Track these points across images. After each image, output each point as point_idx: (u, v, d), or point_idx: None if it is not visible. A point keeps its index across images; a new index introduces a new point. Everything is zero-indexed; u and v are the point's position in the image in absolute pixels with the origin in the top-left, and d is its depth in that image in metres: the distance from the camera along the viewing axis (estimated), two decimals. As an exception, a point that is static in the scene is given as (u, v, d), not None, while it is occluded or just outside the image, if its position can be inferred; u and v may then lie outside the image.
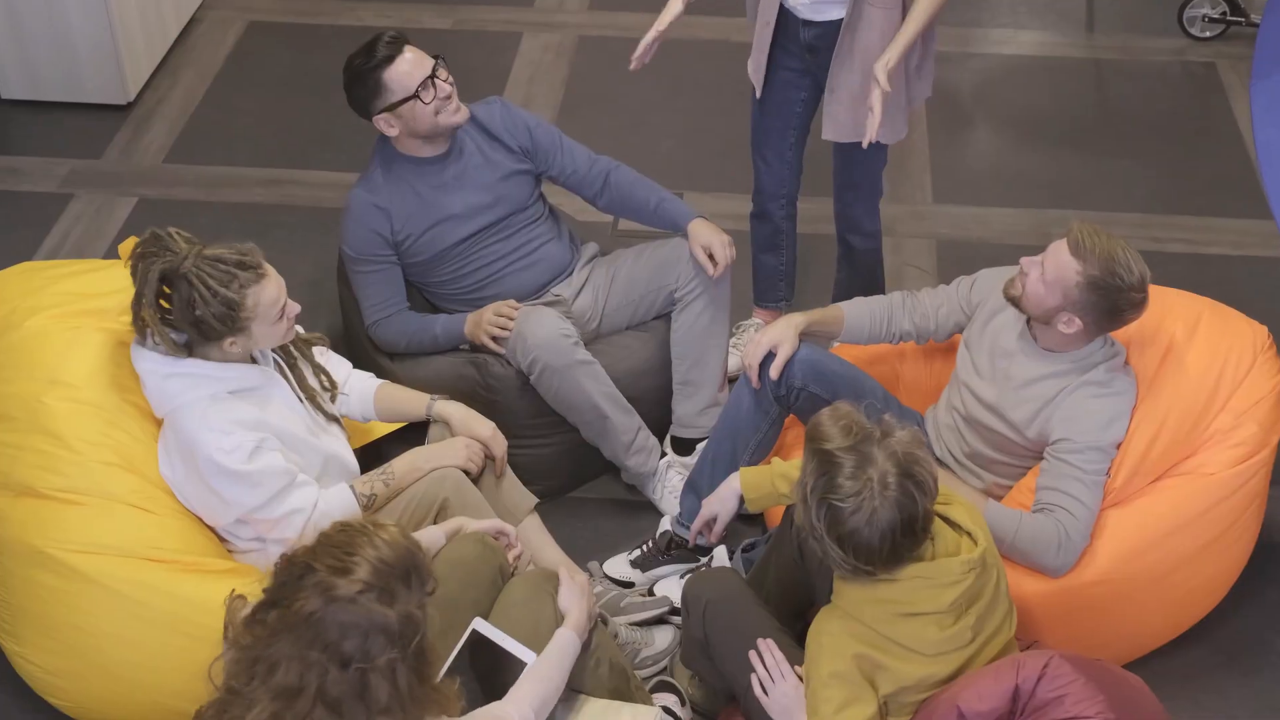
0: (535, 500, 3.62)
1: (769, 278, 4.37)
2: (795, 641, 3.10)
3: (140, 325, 3.19)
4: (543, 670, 2.89)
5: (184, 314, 3.13)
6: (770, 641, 3.03)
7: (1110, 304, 3.22)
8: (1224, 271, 4.81)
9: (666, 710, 3.26)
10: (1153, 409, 3.37)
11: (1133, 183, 5.22)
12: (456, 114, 3.81)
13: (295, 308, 3.27)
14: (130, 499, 3.29)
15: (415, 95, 3.72)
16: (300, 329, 3.45)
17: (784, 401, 3.57)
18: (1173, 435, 3.36)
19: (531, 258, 3.99)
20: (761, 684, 3.00)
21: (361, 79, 3.75)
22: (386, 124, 3.79)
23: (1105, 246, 3.21)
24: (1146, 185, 5.22)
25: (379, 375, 3.79)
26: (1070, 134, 5.47)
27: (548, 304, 3.96)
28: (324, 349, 3.60)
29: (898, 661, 2.81)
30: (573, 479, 4.05)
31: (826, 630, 2.85)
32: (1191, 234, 4.99)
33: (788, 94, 3.97)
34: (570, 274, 4.05)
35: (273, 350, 3.39)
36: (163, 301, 3.16)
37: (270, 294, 3.17)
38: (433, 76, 3.74)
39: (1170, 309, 3.54)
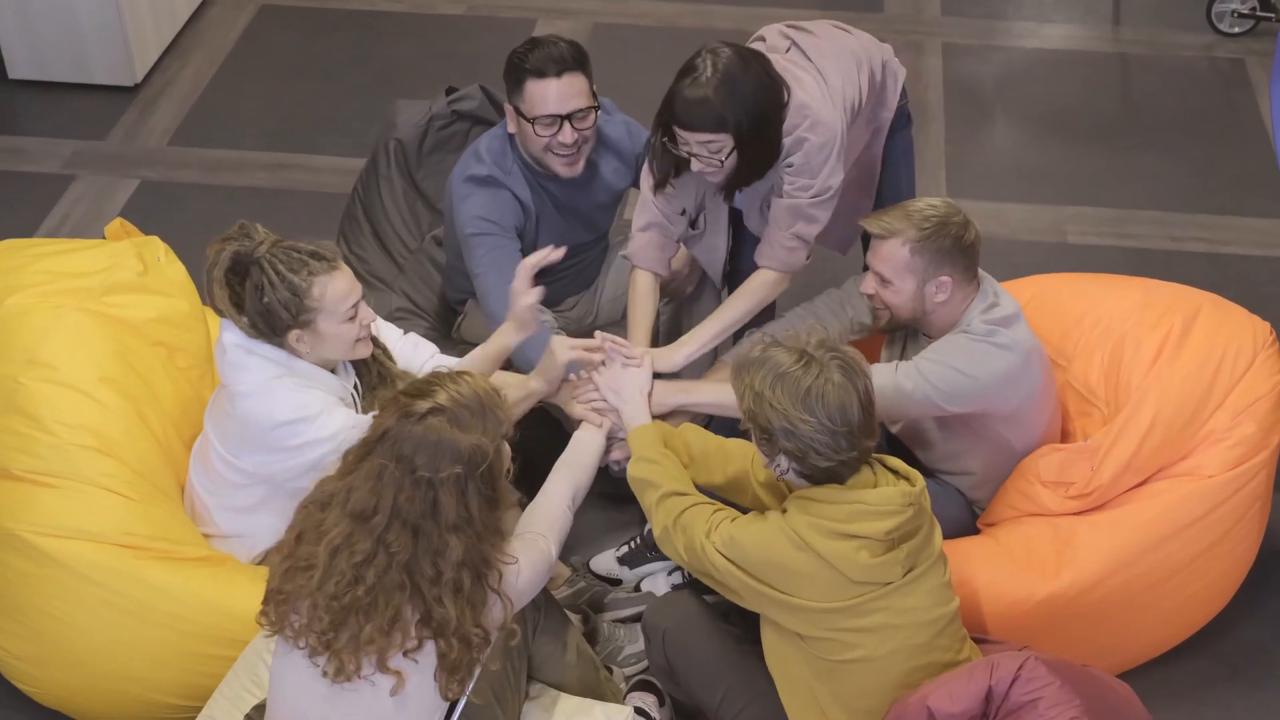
0: (518, 495, 3.52)
1: None
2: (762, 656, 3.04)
3: (213, 306, 3.11)
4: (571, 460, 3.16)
5: (253, 300, 3.04)
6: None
7: (949, 240, 3.17)
8: (1243, 271, 4.70)
9: (640, 711, 3.20)
10: (1143, 405, 3.27)
11: (1154, 180, 5.10)
12: (566, 167, 3.55)
13: (370, 315, 3.16)
14: (105, 483, 3.25)
15: (532, 121, 3.50)
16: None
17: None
18: (1164, 433, 3.26)
19: (576, 271, 3.88)
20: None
21: (510, 69, 3.52)
22: (510, 116, 3.57)
23: (898, 212, 3.21)
24: (1167, 183, 5.10)
25: None
26: (1092, 130, 5.35)
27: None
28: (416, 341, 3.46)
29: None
30: (560, 473, 3.95)
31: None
32: (1211, 233, 4.87)
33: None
34: (591, 287, 3.97)
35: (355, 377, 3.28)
36: (234, 286, 3.07)
37: (339, 288, 3.06)
38: (565, 118, 3.48)
39: (1170, 303, 3.45)
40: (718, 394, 3.36)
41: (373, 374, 3.28)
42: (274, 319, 3.05)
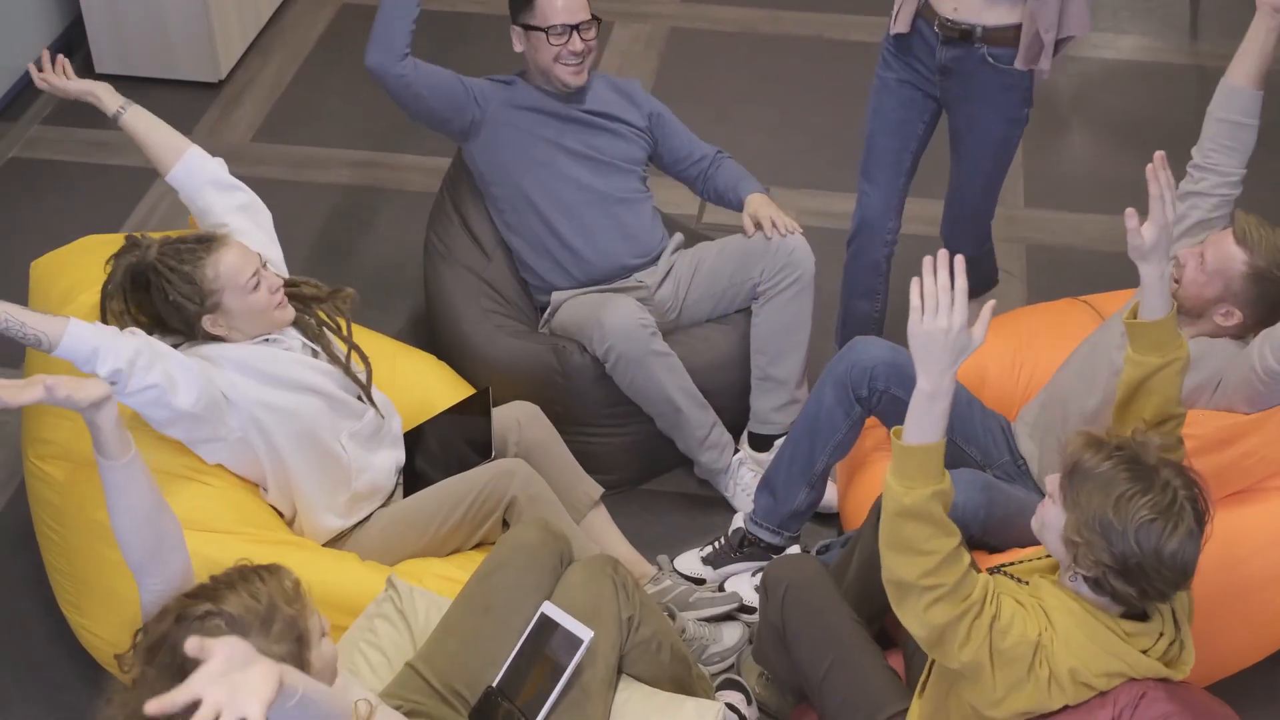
0: (600, 491, 3.57)
1: (860, 327, 4.06)
2: (871, 638, 3.04)
3: (110, 323, 3.11)
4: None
5: (162, 305, 3.12)
6: (943, 255, 2.48)
7: (1275, 296, 3.14)
8: (1325, 286, 4.66)
9: (731, 708, 3.20)
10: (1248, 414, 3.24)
11: (1232, 193, 5.08)
12: (574, 75, 3.88)
13: (275, 280, 3.18)
14: (187, 473, 3.28)
15: (544, 30, 3.79)
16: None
17: (866, 403, 3.48)
18: (1271, 443, 3.21)
19: (627, 229, 3.96)
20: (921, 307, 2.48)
21: None
22: (516, 36, 3.89)
23: (1272, 239, 3.16)
24: (1245, 196, 5.05)
25: (453, 364, 3.85)
26: (1169, 142, 5.30)
27: (629, 290, 3.90)
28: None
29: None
30: (646, 471, 3.99)
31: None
32: (1292, 247, 4.84)
33: (910, 114, 3.83)
34: (656, 259, 4.00)
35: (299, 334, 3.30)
36: (140, 299, 3.14)
37: (230, 260, 3.10)
38: (574, 28, 3.80)
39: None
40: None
41: (312, 322, 3.32)
42: (185, 313, 3.11)
